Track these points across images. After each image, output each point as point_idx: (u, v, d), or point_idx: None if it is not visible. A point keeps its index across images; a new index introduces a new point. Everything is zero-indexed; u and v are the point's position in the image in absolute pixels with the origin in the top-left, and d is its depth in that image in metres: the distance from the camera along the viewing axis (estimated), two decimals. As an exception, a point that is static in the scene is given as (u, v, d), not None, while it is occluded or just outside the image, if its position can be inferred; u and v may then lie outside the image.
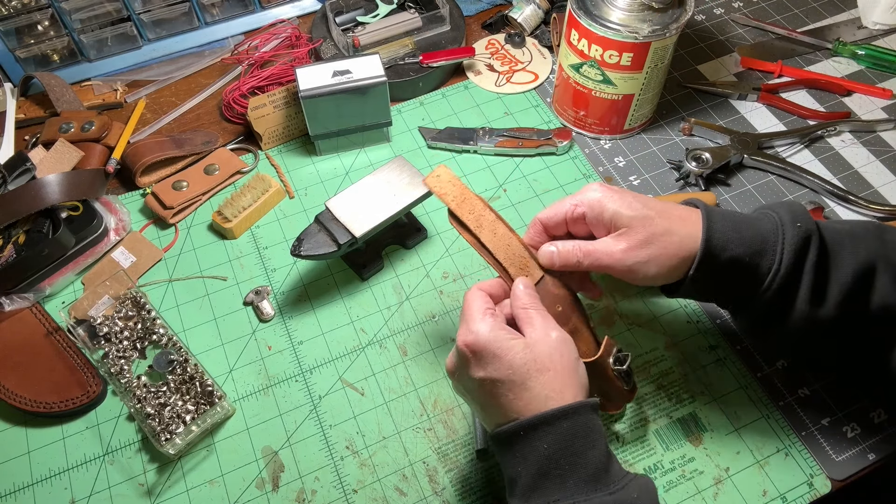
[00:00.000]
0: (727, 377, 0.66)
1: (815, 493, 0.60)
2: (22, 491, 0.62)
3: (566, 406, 0.50)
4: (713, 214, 0.54)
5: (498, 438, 0.52)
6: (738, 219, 0.54)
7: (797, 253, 0.52)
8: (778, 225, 0.53)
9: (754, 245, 0.53)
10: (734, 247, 0.53)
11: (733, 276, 0.54)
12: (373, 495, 0.61)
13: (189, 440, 0.63)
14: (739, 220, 0.54)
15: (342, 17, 0.92)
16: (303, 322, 0.71)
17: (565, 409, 0.50)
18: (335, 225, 0.68)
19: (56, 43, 0.91)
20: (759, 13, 0.99)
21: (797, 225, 0.53)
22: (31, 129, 0.88)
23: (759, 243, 0.53)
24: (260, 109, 0.82)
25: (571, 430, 0.50)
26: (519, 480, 0.50)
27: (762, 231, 0.53)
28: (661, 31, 0.72)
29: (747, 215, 0.56)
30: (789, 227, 0.53)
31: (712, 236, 0.53)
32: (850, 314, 0.53)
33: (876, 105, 0.87)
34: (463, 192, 0.60)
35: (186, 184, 0.80)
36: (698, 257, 0.53)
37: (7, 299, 0.70)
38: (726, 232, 0.53)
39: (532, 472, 0.49)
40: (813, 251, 0.52)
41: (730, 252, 0.53)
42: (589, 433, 0.50)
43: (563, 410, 0.50)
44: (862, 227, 0.55)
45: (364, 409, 0.66)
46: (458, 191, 0.60)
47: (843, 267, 0.53)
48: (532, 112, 0.88)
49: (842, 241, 0.54)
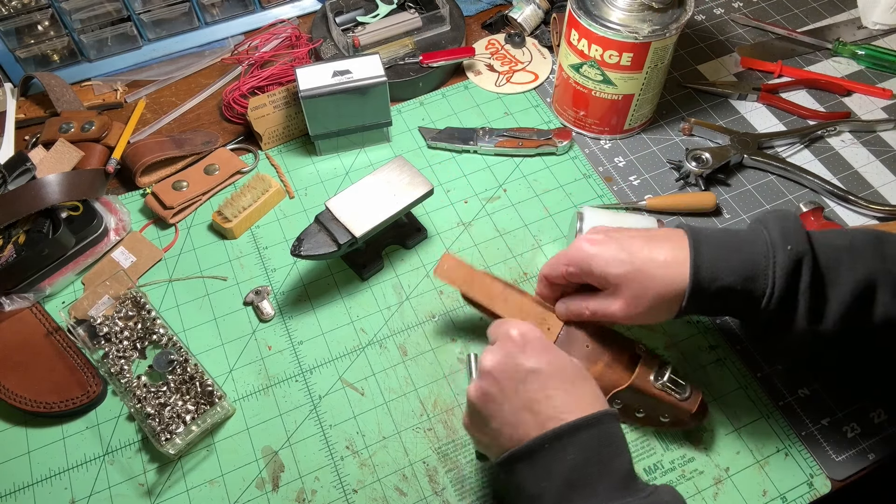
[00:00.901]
0: (727, 377, 0.66)
1: (814, 493, 0.60)
2: (22, 491, 0.62)
3: (590, 416, 0.50)
4: (700, 245, 0.54)
5: (514, 458, 0.50)
6: (728, 244, 0.54)
7: (789, 278, 0.52)
8: (769, 247, 0.53)
9: (745, 272, 0.53)
10: (725, 276, 0.53)
11: (727, 302, 0.54)
12: (373, 495, 0.61)
13: (189, 440, 0.63)
14: (729, 246, 0.54)
15: (342, 18, 0.92)
16: (303, 322, 0.71)
17: (589, 419, 0.50)
18: (335, 225, 0.68)
19: (56, 43, 0.91)
20: (759, 13, 0.99)
21: (787, 248, 0.52)
22: (31, 129, 0.88)
23: (750, 269, 0.53)
24: (260, 109, 0.82)
25: (597, 438, 0.50)
26: (544, 496, 0.49)
27: (752, 256, 0.53)
28: (661, 31, 0.72)
29: (737, 236, 0.55)
30: (780, 250, 0.52)
31: (700, 270, 0.53)
32: (853, 328, 0.53)
33: (876, 105, 0.87)
34: (469, 274, 0.65)
35: (186, 184, 0.80)
36: (687, 293, 0.53)
37: (7, 299, 0.70)
38: (715, 262, 0.53)
39: (558, 485, 0.48)
40: (806, 273, 0.52)
41: (720, 282, 0.53)
42: (613, 441, 0.50)
43: (588, 420, 0.50)
44: (861, 240, 0.55)
45: (364, 409, 0.66)
46: (465, 274, 0.65)
47: (841, 285, 0.53)
48: (532, 112, 0.88)
49: (838, 257, 0.53)
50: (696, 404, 0.59)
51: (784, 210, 0.58)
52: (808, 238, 0.54)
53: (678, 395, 0.59)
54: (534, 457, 0.50)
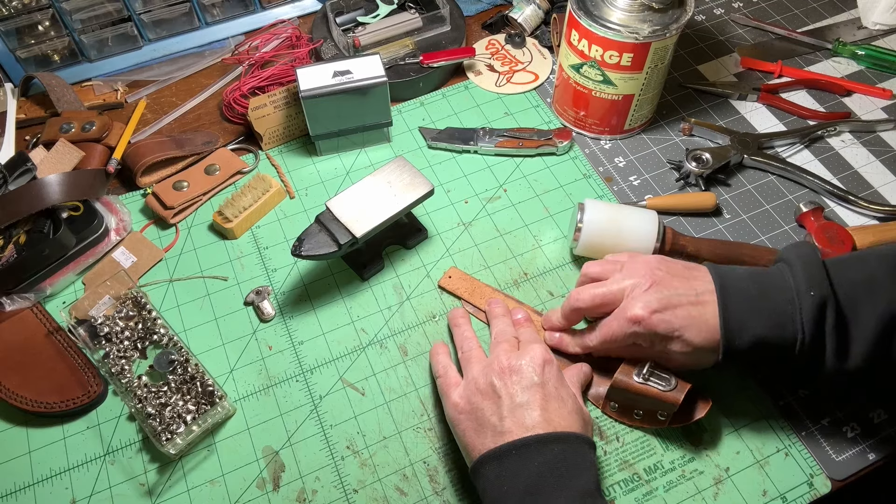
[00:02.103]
0: (727, 377, 0.66)
1: (814, 493, 0.60)
2: (23, 491, 0.62)
3: (561, 433, 0.53)
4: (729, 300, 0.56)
5: (484, 460, 0.53)
6: (754, 293, 0.56)
7: (816, 322, 0.54)
8: (794, 294, 0.55)
9: (773, 320, 0.55)
10: (754, 326, 0.55)
11: (760, 350, 0.56)
12: (373, 495, 0.61)
13: (190, 440, 0.63)
14: (756, 295, 0.56)
15: (342, 18, 0.92)
16: (303, 322, 0.71)
17: (559, 435, 0.53)
18: (336, 225, 0.68)
19: (56, 43, 0.91)
20: (758, 13, 0.99)
21: (811, 294, 0.54)
22: (31, 130, 0.88)
23: (778, 316, 0.55)
24: (260, 110, 0.82)
25: (563, 454, 0.52)
26: (506, 500, 0.51)
27: (779, 305, 0.55)
28: (662, 31, 0.72)
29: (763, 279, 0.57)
30: (805, 296, 0.54)
31: (729, 322, 0.55)
32: (880, 361, 0.55)
33: (876, 105, 0.88)
34: (473, 285, 0.72)
35: (187, 184, 0.80)
36: (722, 349, 0.56)
37: (8, 299, 0.71)
38: (743, 312, 0.55)
39: (520, 490, 0.51)
40: (830, 316, 0.54)
41: (751, 332, 0.55)
42: (580, 461, 0.52)
43: (558, 436, 0.53)
44: (884, 270, 0.55)
45: (364, 409, 0.66)
46: (469, 285, 0.72)
47: (863, 323, 0.54)
48: (532, 112, 0.88)
49: (857, 296, 0.54)
50: (682, 395, 0.59)
51: (803, 244, 0.59)
52: (828, 277, 0.55)
53: (661, 388, 0.60)
54: (502, 460, 0.53)
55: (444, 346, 0.66)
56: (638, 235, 0.70)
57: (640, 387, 0.60)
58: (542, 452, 0.52)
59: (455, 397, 0.59)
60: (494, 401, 0.56)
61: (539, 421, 0.54)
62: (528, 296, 0.72)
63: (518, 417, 0.54)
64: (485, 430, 0.55)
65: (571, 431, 0.54)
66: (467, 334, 0.65)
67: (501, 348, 0.60)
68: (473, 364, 0.60)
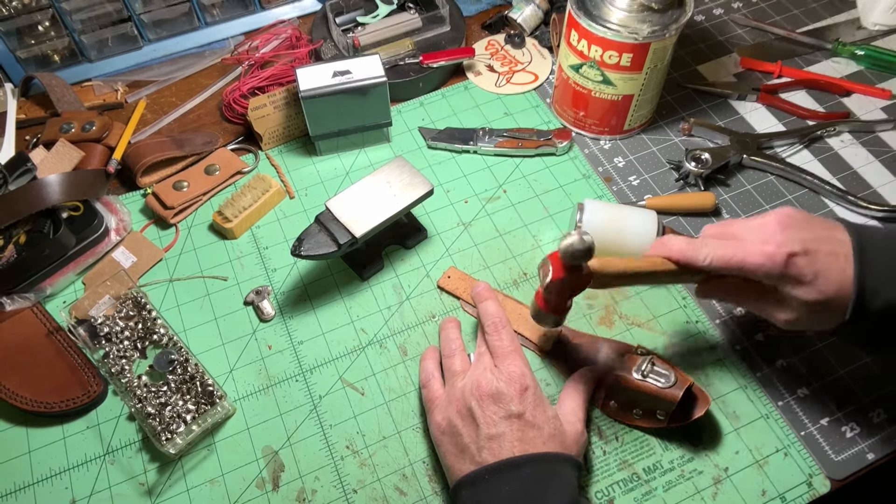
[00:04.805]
0: (727, 377, 0.66)
1: (814, 493, 0.60)
2: (23, 490, 0.63)
3: (532, 454, 0.54)
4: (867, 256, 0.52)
5: (461, 485, 0.55)
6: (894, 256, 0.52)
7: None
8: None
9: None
10: (891, 290, 0.51)
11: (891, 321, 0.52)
12: (373, 495, 0.61)
13: (189, 440, 0.63)
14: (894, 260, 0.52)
15: (342, 18, 0.92)
16: (303, 322, 0.71)
17: (530, 457, 0.53)
18: (335, 225, 0.68)
19: (56, 43, 0.91)
20: (758, 14, 0.99)
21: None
22: (31, 130, 0.88)
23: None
24: (260, 110, 0.82)
25: (537, 476, 0.53)
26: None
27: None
28: (661, 31, 0.72)
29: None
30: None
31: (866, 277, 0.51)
32: None
33: (875, 105, 0.88)
34: (472, 285, 0.71)
35: (187, 184, 0.80)
36: (851, 308, 0.52)
37: (8, 299, 0.71)
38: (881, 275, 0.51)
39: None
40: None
41: (885, 295, 0.51)
42: (555, 482, 0.53)
43: (529, 458, 0.53)
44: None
45: (364, 409, 0.66)
46: (468, 285, 0.72)
47: None
48: (532, 112, 0.88)
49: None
50: (680, 392, 0.59)
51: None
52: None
53: (661, 384, 0.60)
54: (476, 485, 0.54)
55: (435, 350, 0.67)
56: (638, 235, 0.70)
57: (640, 383, 0.60)
58: (515, 475, 0.53)
59: (437, 416, 0.60)
60: (473, 428, 0.56)
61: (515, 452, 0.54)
62: (527, 296, 0.72)
63: (494, 449, 0.55)
64: (464, 456, 0.56)
65: (547, 451, 0.54)
66: (452, 336, 0.66)
67: (483, 363, 0.60)
68: (456, 376, 0.61)
